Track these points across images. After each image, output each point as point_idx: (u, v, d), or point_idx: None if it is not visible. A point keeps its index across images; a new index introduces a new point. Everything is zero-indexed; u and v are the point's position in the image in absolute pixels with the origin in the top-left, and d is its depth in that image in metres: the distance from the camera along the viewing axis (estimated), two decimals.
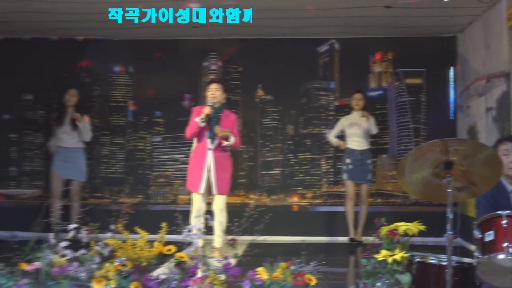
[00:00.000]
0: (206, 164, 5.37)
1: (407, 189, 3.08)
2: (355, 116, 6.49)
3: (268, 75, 7.22)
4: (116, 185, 7.36)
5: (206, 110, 5.29)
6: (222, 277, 3.66)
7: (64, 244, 3.87)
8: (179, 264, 3.81)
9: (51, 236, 3.94)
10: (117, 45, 7.27)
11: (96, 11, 5.85)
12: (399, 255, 3.08)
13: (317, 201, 7.12)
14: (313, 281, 3.57)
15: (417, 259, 3.11)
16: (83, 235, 3.98)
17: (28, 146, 7.31)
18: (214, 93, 5.41)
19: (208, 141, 5.38)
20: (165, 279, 3.71)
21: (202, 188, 5.36)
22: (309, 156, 7.18)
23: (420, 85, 7.07)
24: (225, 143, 5.33)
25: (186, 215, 5.09)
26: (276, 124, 7.24)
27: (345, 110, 6.78)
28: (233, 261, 4.01)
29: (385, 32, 6.85)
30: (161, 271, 3.89)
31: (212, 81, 5.62)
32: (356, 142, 6.47)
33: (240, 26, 6.44)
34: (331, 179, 7.10)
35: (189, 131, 5.43)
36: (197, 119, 5.29)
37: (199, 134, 5.41)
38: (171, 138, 7.26)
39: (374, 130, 6.52)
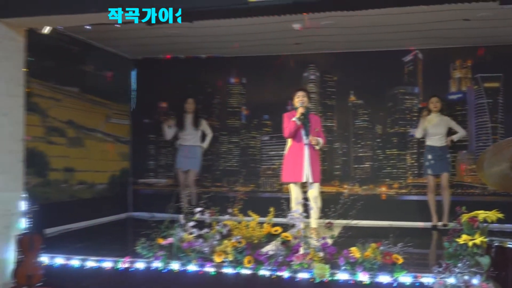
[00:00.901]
0: (304, 157, 5.62)
1: (486, 181, 3.20)
2: (434, 117, 6.68)
3: (359, 82, 7.46)
4: (232, 176, 7.86)
5: (301, 110, 5.58)
6: (321, 254, 4.16)
7: (191, 224, 4.59)
8: (284, 242, 4.36)
9: (181, 217, 4.70)
10: (232, 61, 7.80)
11: (211, 33, 6.44)
12: (479, 239, 3.23)
13: (403, 191, 7.32)
14: (400, 260, 3.93)
15: (496, 244, 3.23)
16: (207, 217, 4.65)
17: (163, 144, 7.99)
18: (302, 98, 5.68)
19: (304, 138, 5.64)
20: (272, 254, 4.24)
21: (304, 177, 5.60)
22: (395, 152, 7.38)
23: (498, 88, 7.13)
24: (316, 147, 5.67)
25: (290, 201, 5.52)
26: (366, 124, 7.48)
27: (426, 112, 6.84)
28: (330, 241, 4.35)
29: (464, 42, 6.95)
30: (269, 248, 4.40)
31: (299, 89, 5.85)
32: (436, 139, 6.65)
33: (335, 42, 6.94)
34: (416, 172, 7.27)
35: (287, 131, 5.67)
36: (294, 119, 5.56)
37: (295, 134, 5.66)
38: (277, 137, 7.49)
39: (461, 131, 6.74)
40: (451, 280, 3.12)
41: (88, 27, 5.44)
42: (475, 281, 3.04)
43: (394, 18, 5.73)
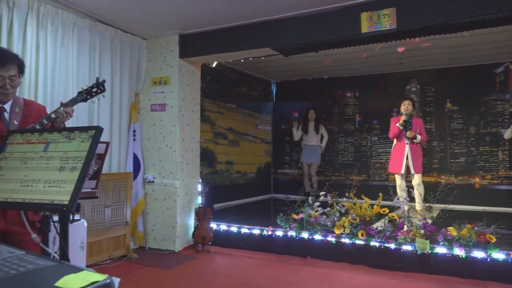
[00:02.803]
0: (405, 154, 5.38)
1: None
2: None
3: (455, 92, 6.95)
4: (348, 167, 7.74)
5: (403, 117, 5.35)
6: (422, 231, 3.99)
7: (317, 204, 4.63)
8: (391, 221, 4.28)
9: (310, 198, 4.79)
10: (348, 80, 7.67)
11: (334, 59, 6.33)
12: None
13: (495, 181, 6.69)
14: (493, 239, 3.67)
15: None
16: (329, 199, 4.68)
17: (294, 144, 7.98)
18: (407, 107, 5.42)
19: (405, 138, 5.39)
20: (381, 230, 4.17)
21: (403, 169, 5.37)
22: (488, 149, 6.77)
23: None
24: (414, 141, 5.34)
25: (394, 188, 5.26)
26: (461, 126, 6.94)
27: None
28: (429, 221, 4.21)
29: None
30: (378, 225, 4.32)
31: (405, 99, 5.58)
32: None
33: (432, 60, 6.48)
34: (507, 166, 6.61)
35: (392, 133, 5.50)
36: (398, 125, 5.39)
37: (399, 135, 5.45)
38: (384, 138, 7.33)
39: None
40: None
41: (242, 60, 5.70)
42: None
43: (485, 37, 5.25)
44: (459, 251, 3.72)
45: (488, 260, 3.62)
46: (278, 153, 8.38)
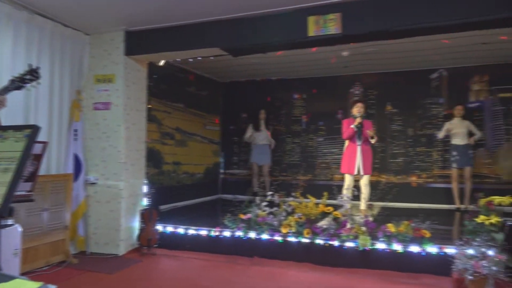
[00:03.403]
0: (357, 155, 5.48)
1: (500, 172, 2.83)
2: (457, 121, 6.36)
3: (395, 95, 7.25)
4: (295, 168, 7.83)
5: (358, 119, 5.41)
6: (364, 228, 4.13)
7: (264, 203, 4.65)
8: (335, 219, 4.39)
9: (257, 198, 4.78)
10: (295, 82, 7.78)
11: (280, 61, 6.44)
12: (494, 219, 3.12)
13: (430, 180, 7.02)
14: (428, 234, 3.88)
15: (509, 223, 3.05)
16: (276, 198, 4.75)
17: (243, 145, 7.94)
18: (360, 109, 5.50)
19: (357, 140, 5.50)
20: (326, 228, 4.27)
21: (356, 171, 5.46)
22: (424, 149, 7.12)
23: (510, 98, 6.66)
24: (371, 140, 5.46)
25: (339, 188, 5.41)
26: (400, 128, 7.26)
27: (450, 117, 6.56)
28: (371, 219, 4.43)
29: (482, 61, 6.57)
30: (323, 223, 4.44)
31: (358, 101, 5.70)
32: (459, 139, 6.31)
33: (375, 64, 6.72)
34: (440, 165, 6.98)
35: (346, 135, 5.53)
36: (353, 126, 5.42)
37: (352, 137, 5.52)
38: (329, 138, 7.59)
39: (478, 132, 6.32)
40: (471, 251, 2.95)
41: (190, 59, 5.63)
42: (491, 252, 2.85)
43: (424, 44, 5.51)
44: (397, 246, 3.90)
45: (423, 254, 3.82)
46: (226, 154, 8.35)
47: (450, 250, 3.67)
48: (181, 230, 4.88)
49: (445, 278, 3.55)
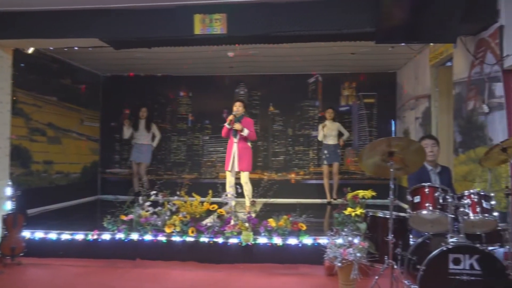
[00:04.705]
0: (232, 152, 5.49)
1: (364, 169, 3.07)
2: (329, 123, 6.87)
3: (277, 97, 7.66)
4: (180, 166, 7.80)
5: (230, 117, 5.45)
6: (246, 224, 4.24)
7: (148, 203, 4.51)
8: (220, 216, 4.41)
9: (139, 198, 4.58)
10: (181, 79, 7.73)
11: (165, 57, 6.35)
12: (359, 211, 3.37)
13: (307, 176, 7.56)
14: (304, 227, 4.14)
15: (370, 214, 3.24)
16: (160, 197, 4.55)
17: (125, 142, 7.67)
18: (238, 108, 5.51)
19: (234, 137, 5.48)
20: (210, 225, 4.28)
21: (230, 167, 5.47)
22: (301, 148, 7.63)
23: (373, 103, 7.54)
24: (242, 133, 5.43)
25: (224, 186, 5.38)
26: (281, 128, 7.69)
27: (323, 119, 7.06)
28: (253, 215, 4.42)
29: (351, 69, 7.28)
30: (208, 221, 4.40)
31: (237, 100, 5.68)
32: (330, 139, 6.86)
33: (259, 66, 6.96)
34: (316, 163, 7.54)
35: (223, 132, 5.55)
36: (226, 124, 5.48)
37: (229, 134, 5.52)
38: (215, 137, 7.64)
39: (346, 133, 6.96)
40: (339, 241, 3.17)
41: (65, 49, 5.18)
42: (356, 240, 3.10)
43: (301, 50, 5.85)
44: (277, 240, 4.10)
45: (300, 245, 4.08)
46: (106, 152, 7.92)
47: (323, 241, 3.91)
48: (53, 235, 4.46)
49: (319, 266, 3.82)
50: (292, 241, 4.11)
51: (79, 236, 4.42)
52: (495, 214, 2.84)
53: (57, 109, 6.54)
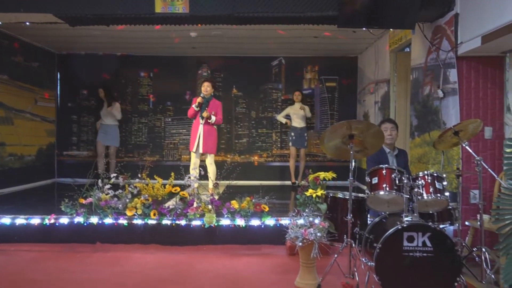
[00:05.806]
0: (198, 133, 5.46)
1: (325, 151, 3.12)
2: (296, 106, 6.89)
3: (240, 79, 7.64)
4: (142, 148, 7.68)
5: (199, 99, 5.39)
6: (209, 206, 4.26)
7: (107, 186, 4.42)
8: (182, 199, 4.38)
9: (99, 181, 4.47)
10: (143, 59, 7.54)
11: (125, 35, 6.17)
12: (319, 192, 3.36)
13: (270, 159, 7.65)
14: (266, 209, 4.19)
15: (331, 195, 3.30)
16: (120, 180, 4.48)
17: (83, 124, 7.60)
18: (206, 88, 5.44)
19: (200, 119, 5.44)
20: (173, 208, 4.25)
21: (195, 148, 5.47)
22: (265, 131, 7.69)
23: (335, 87, 7.66)
24: (209, 121, 5.43)
25: (187, 168, 5.29)
26: (244, 110, 7.69)
27: (289, 101, 7.15)
28: (216, 197, 4.41)
29: (314, 53, 7.33)
30: (170, 203, 4.38)
31: (205, 80, 5.58)
32: (297, 122, 6.87)
33: (222, 48, 6.90)
34: (279, 145, 7.64)
35: (189, 113, 5.48)
36: (193, 106, 5.41)
37: (195, 115, 5.50)
38: (177, 119, 7.62)
39: (309, 114, 6.95)
40: (301, 221, 3.18)
41: (15, 24, 4.86)
42: (316, 221, 3.14)
43: (265, 32, 5.83)
44: (240, 221, 4.14)
45: (262, 226, 4.14)
46: (64, 133, 7.64)
47: (285, 221, 4.00)
48: (6, 220, 4.28)
49: (280, 246, 3.91)
50: (255, 222, 4.15)
51: (35, 221, 4.27)
52: (447, 194, 2.96)
53: (8, 88, 6.20)
